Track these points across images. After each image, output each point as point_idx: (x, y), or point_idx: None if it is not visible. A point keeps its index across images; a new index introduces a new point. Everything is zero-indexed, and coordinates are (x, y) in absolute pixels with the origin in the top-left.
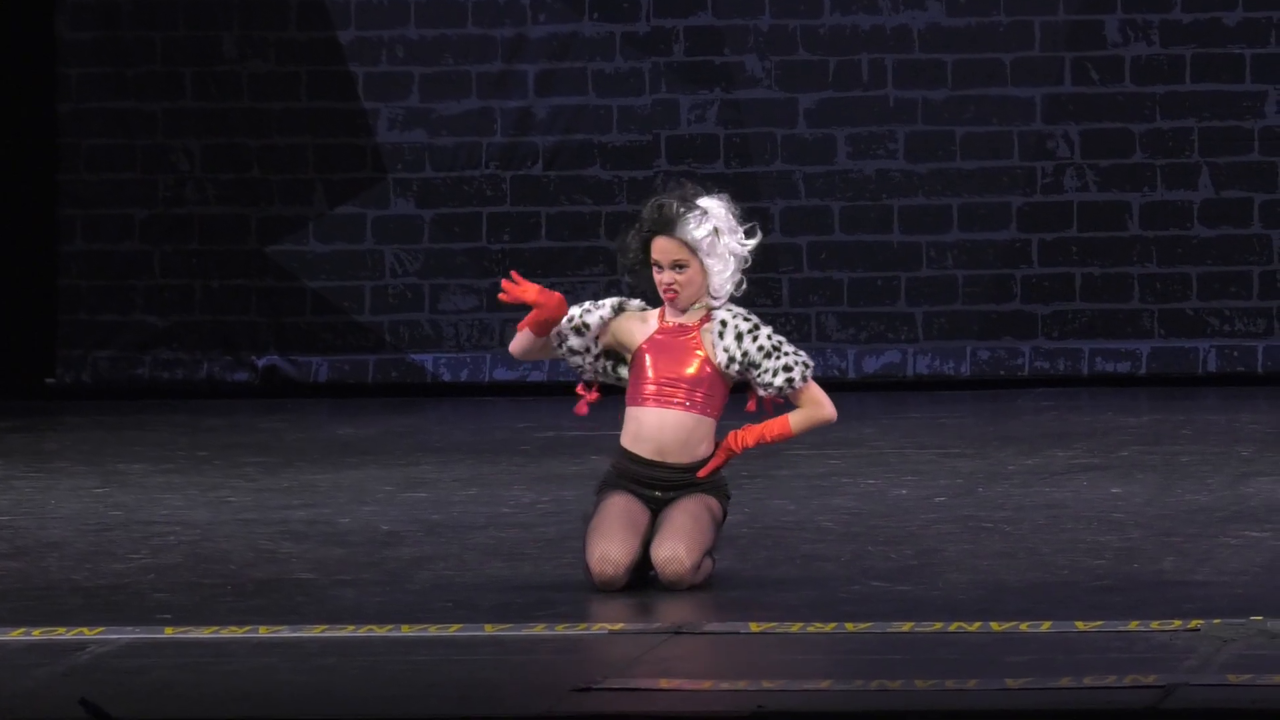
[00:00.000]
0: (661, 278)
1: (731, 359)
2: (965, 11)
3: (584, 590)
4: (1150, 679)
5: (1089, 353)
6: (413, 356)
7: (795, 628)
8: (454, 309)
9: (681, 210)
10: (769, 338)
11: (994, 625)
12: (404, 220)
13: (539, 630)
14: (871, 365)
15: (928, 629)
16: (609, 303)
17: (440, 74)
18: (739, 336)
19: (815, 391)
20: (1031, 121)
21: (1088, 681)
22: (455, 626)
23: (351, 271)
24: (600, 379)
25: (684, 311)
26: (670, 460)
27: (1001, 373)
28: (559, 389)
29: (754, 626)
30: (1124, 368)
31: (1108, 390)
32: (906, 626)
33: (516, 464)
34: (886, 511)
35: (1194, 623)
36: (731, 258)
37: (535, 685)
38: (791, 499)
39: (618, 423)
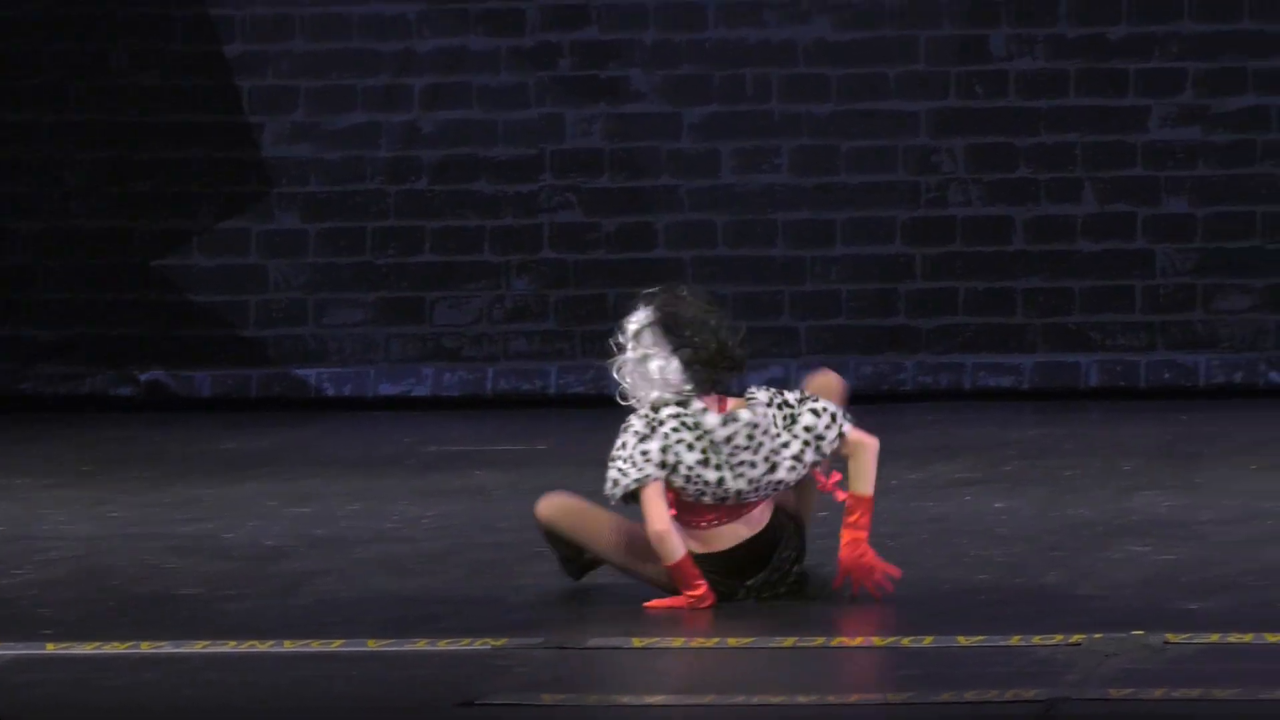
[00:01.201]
0: None
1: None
2: (851, 26)
3: (469, 605)
4: (1032, 693)
5: (972, 367)
6: (297, 371)
7: (677, 643)
8: (339, 323)
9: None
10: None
11: (876, 640)
12: (289, 234)
13: (423, 646)
14: (755, 380)
15: (810, 644)
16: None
17: (326, 88)
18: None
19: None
20: (916, 136)
21: (969, 696)
22: (339, 642)
23: (236, 286)
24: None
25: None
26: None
27: (885, 387)
28: (444, 404)
29: (636, 641)
30: (1007, 382)
31: (991, 404)
32: (789, 642)
33: (401, 478)
34: None
35: (1076, 637)
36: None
37: (419, 701)
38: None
39: (513, 437)
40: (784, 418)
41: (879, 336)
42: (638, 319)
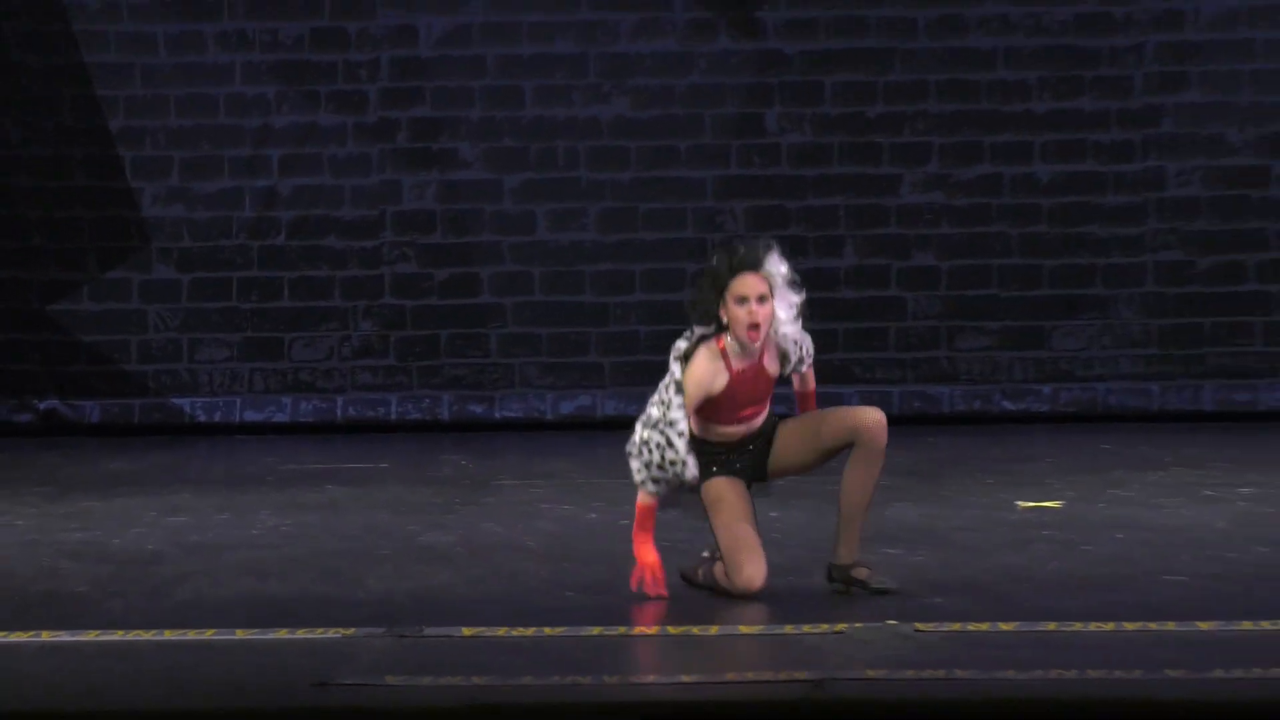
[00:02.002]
0: (744, 310)
1: (785, 354)
2: (647, 106)
3: (322, 600)
4: (803, 674)
5: None
6: (173, 400)
7: (501, 632)
8: (209, 359)
9: (763, 250)
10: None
11: (670, 629)
12: (165, 283)
13: (283, 635)
14: (567, 408)
15: (614, 633)
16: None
17: (197, 158)
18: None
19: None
20: (703, 199)
21: (750, 676)
22: (211, 632)
23: (120, 327)
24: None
25: (751, 349)
26: (754, 432)
27: None
28: (300, 429)
29: (465, 631)
30: (779, 409)
31: None
32: (595, 631)
33: (263, 493)
34: (580, 533)
35: (840, 626)
36: (792, 300)
37: (280, 682)
38: (499, 522)
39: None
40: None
41: None
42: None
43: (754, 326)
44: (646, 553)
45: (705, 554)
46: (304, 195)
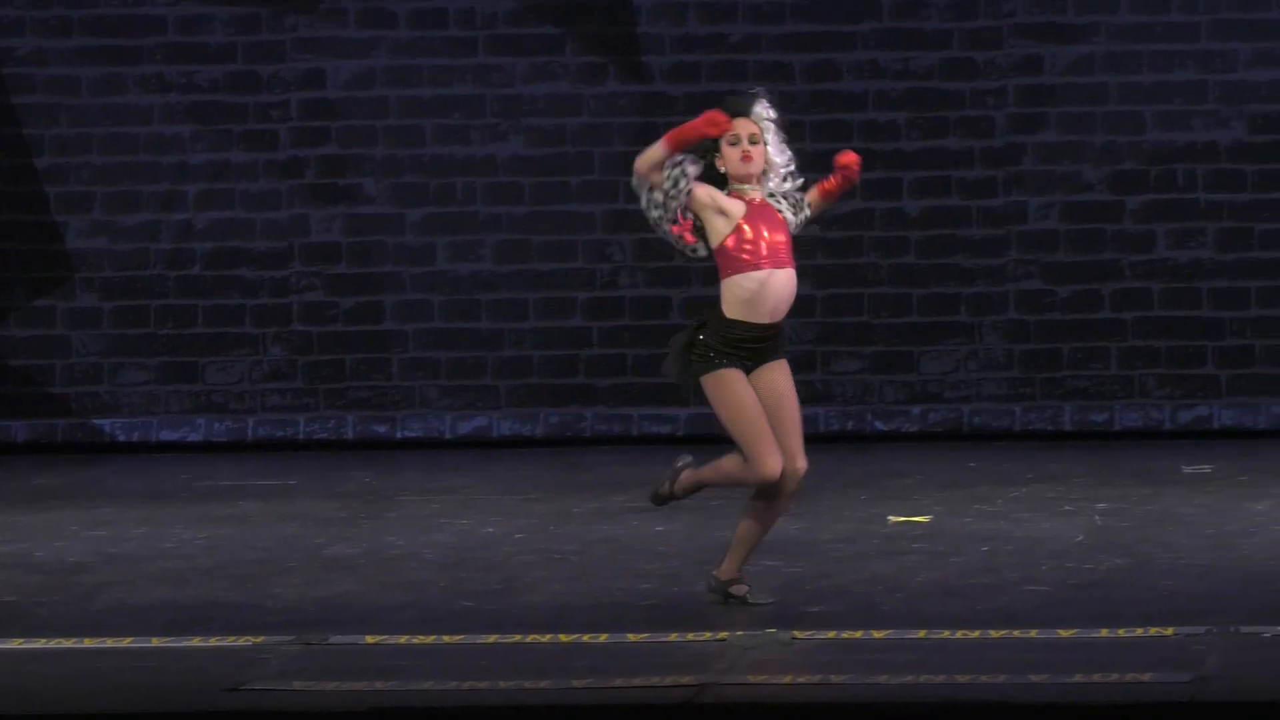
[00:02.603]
0: (737, 150)
1: (790, 204)
2: (541, 144)
3: (234, 609)
4: (688, 679)
5: (638, 417)
6: (94, 421)
7: (403, 639)
8: (128, 382)
9: (751, 97)
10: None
11: (562, 637)
12: (88, 311)
13: (197, 642)
14: (465, 428)
15: (509, 640)
16: (690, 175)
17: (118, 193)
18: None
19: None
20: (593, 232)
21: (637, 681)
22: (129, 639)
23: (45, 352)
24: (693, 237)
25: (750, 188)
26: (779, 320)
27: (569, 434)
28: (214, 448)
29: (369, 639)
30: (666, 430)
31: (654, 448)
32: (492, 638)
33: (179, 508)
34: (478, 545)
35: (722, 634)
36: (783, 144)
37: (194, 686)
38: (401, 535)
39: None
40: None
41: (564, 393)
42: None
43: (746, 159)
44: (695, 125)
45: (678, 464)
46: (218, 228)
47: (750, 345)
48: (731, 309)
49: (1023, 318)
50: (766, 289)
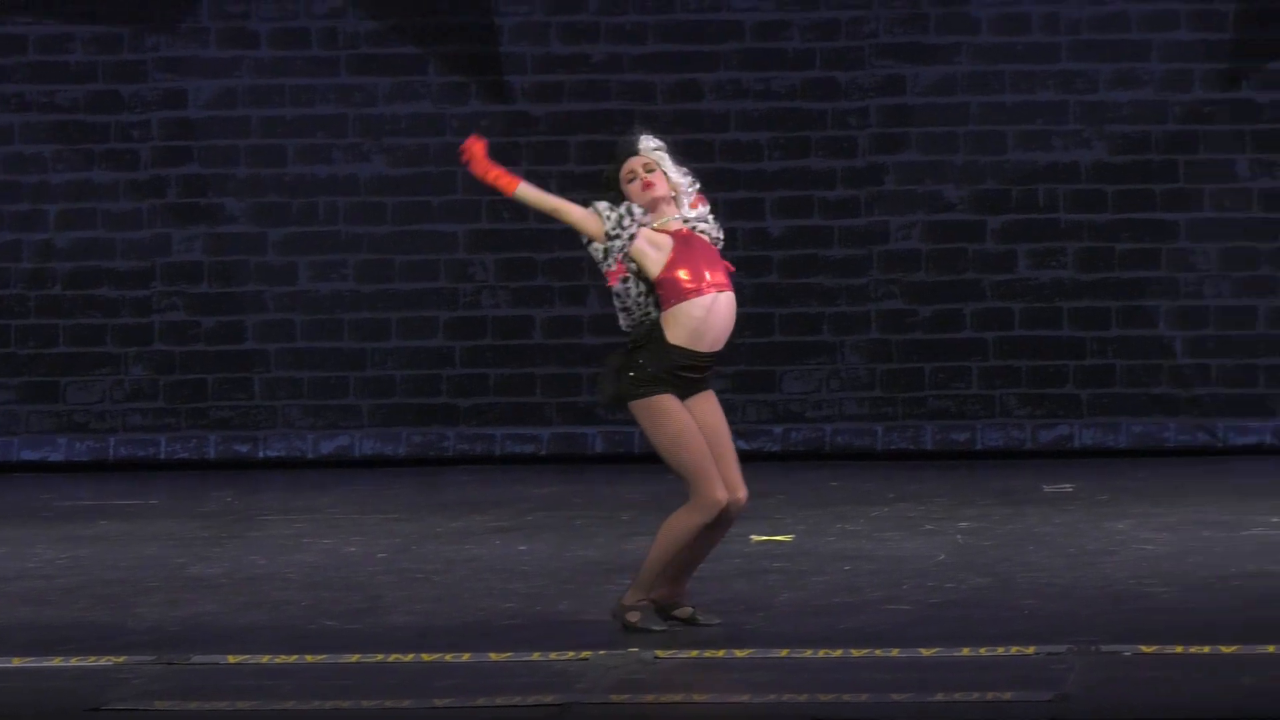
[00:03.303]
0: (638, 183)
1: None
2: (403, 163)
3: (95, 629)
4: (550, 698)
5: (501, 437)
6: None
7: (265, 659)
8: None
9: (633, 138)
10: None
11: (424, 656)
12: None
13: (58, 662)
14: (327, 447)
15: (372, 660)
16: (637, 218)
17: None
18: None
19: None
20: (455, 251)
21: (500, 700)
22: None
23: None
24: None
25: (669, 219)
26: (718, 350)
27: (432, 453)
28: (76, 467)
29: (231, 658)
30: (529, 449)
31: (517, 467)
32: (355, 658)
33: (40, 528)
34: (339, 565)
35: (585, 653)
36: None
37: (56, 707)
38: (263, 554)
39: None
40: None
41: (427, 412)
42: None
43: (648, 185)
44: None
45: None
46: (79, 248)
47: (687, 374)
48: (675, 336)
49: (885, 337)
50: (712, 315)
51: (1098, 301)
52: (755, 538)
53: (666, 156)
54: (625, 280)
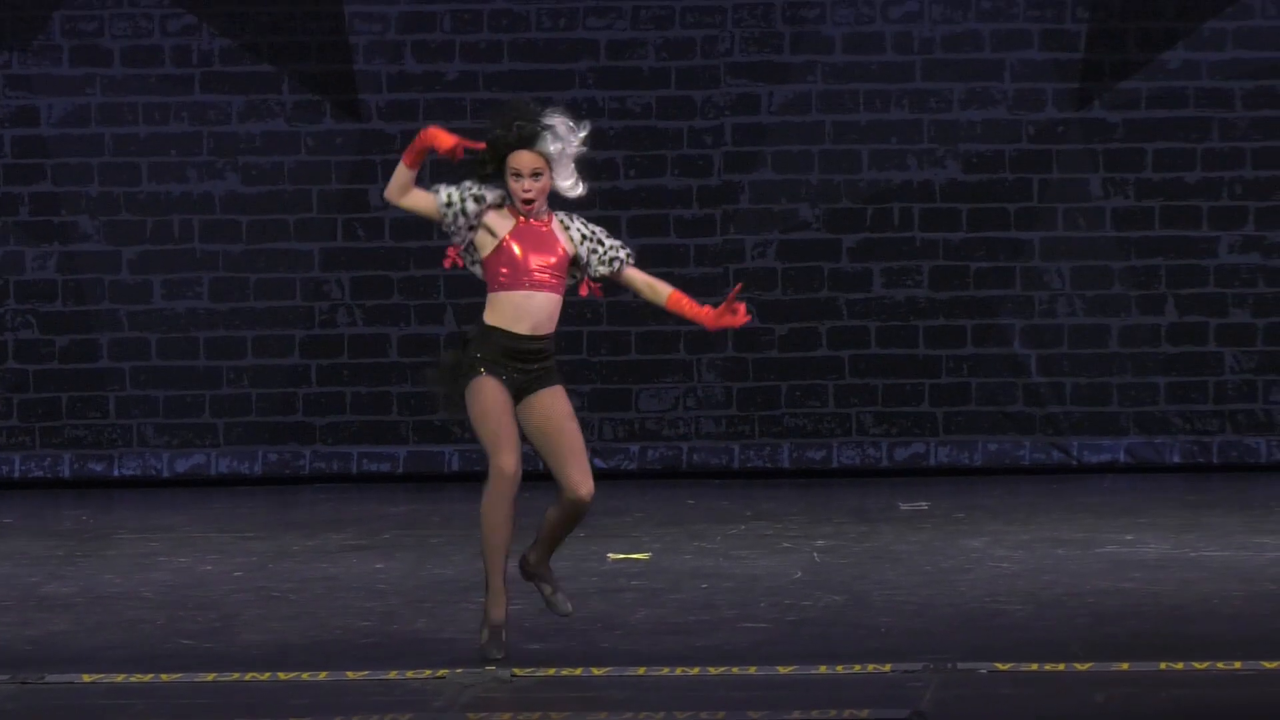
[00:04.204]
0: (520, 185)
1: (585, 237)
2: (257, 181)
3: None
4: (406, 717)
5: (358, 455)
6: None
7: (119, 678)
8: None
9: (539, 129)
10: (603, 230)
11: (281, 675)
12: None
13: None
14: (182, 466)
15: (228, 678)
16: (489, 194)
17: None
18: (584, 224)
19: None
20: (311, 270)
21: (356, 719)
22: None
23: None
24: (463, 250)
25: (538, 213)
26: (540, 333)
27: (288, 471)
28: None
29: (85, 677)
30: (385, 468)
31: (372, 486)
32: (210, 676)
33: None
34: (194, 584)
35: (441, 671)
36: (571, 165)
37: None
38: (117, 573)
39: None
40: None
41: (282, 431)
42: (557, 117)
43: (528, 201)
44: (430, 136)
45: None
46: None
47: (513, 358)
48: (491, 318)
49: (741, 355)
50: (522, 310)
51: (952, 320)
52: (612, 555)
53: (568, 153)
54: (457, 265)
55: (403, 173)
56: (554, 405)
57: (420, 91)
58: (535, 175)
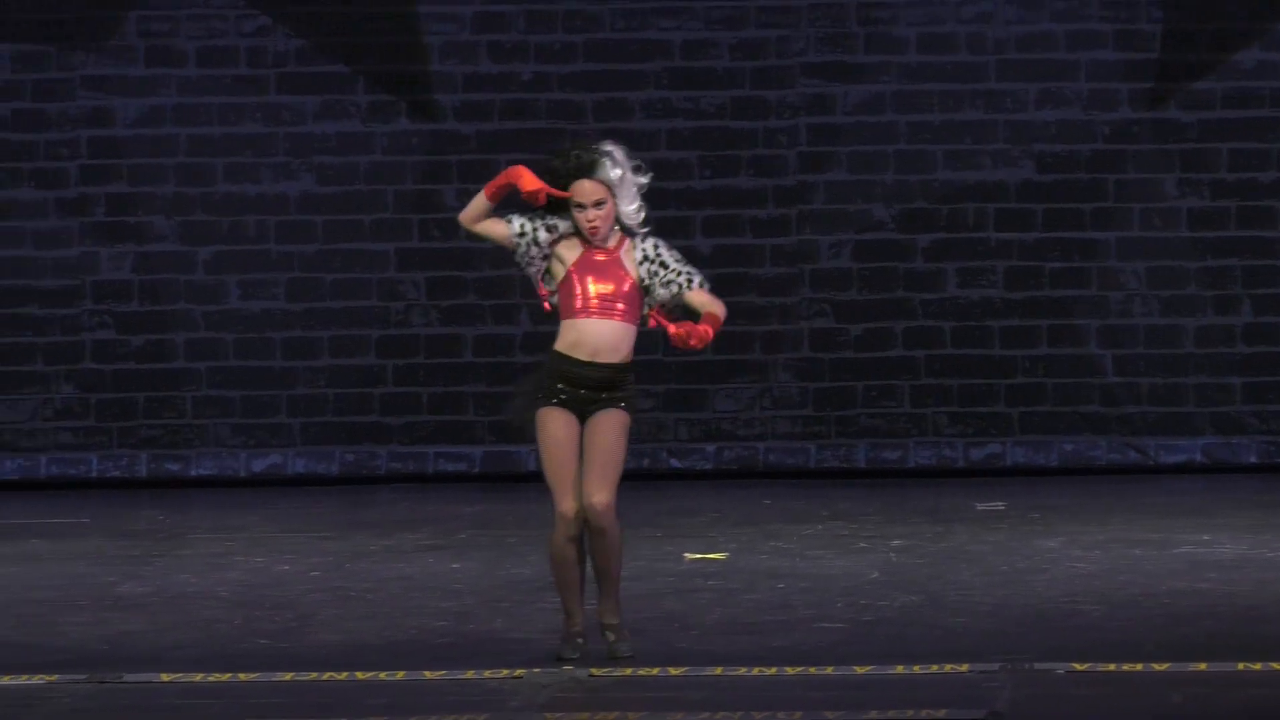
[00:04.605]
0: (584, 216)
1: (646, 259)
2: (331, 182)
3: (20, 648)
4: (484, 717)
5: (433, 455)
6: None
7: (197, 677)
8: None
9: (598, 156)
10: (672, 250)
11: (357, 674)
12: None
13: None
14: (258, 466)
15: (304, 678)
16: (561, 224)
17: None
18: (654, 246)
19: (709, 294)
20: (386, 270)
21: (433, 719)
22: None
23: None
24: (539, 277)
25: (604, 241)
26: (601, 360)
27: (363, 471)
28: (5, 486)
29: (164, 676)
30: (461, 467)
31: (448, 486)
32: (287, 676)
33: None
34: (270, 583)
35: (519, 671)
36: (635, 190)
37: None
38: (193, 573)
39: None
40: None
41: (358, 431)
42: (615, 148)
43: (592, 230)
44: (515, 175)
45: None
46: (6, 266)
47: (578, 384)
48: (557, 344)
49: (816, 355)
50: (583, 336)
51: (1027, 320)
52: (689, 556)
53: (628, 178)
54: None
55: (480, 202)
56: (601, 426)
57: (494, 92)
58: (598, 204)
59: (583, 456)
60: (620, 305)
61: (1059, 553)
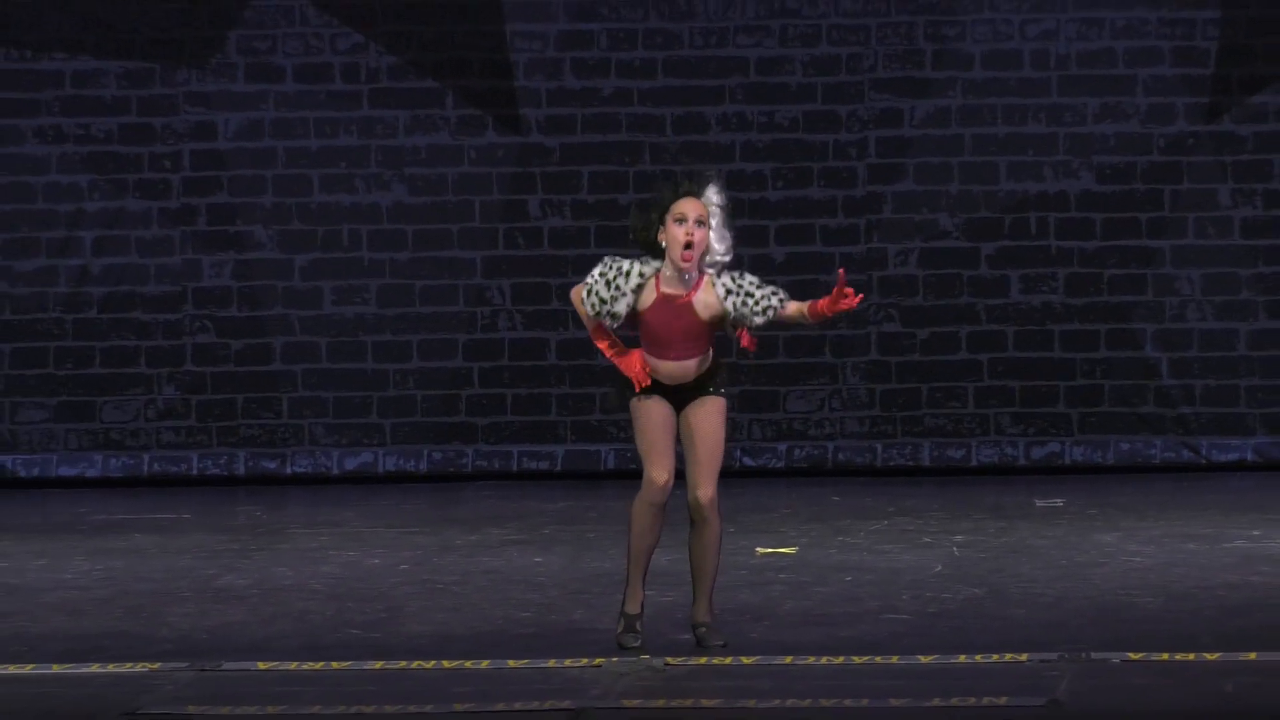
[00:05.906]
0: (683, 229)
1: (730, 291)
2: (422, 192)
3: (129, 637)
4: (566, 703)
5: (518, 454)
6: None
7: (292, 666)
8: (27, 420)
9: (708, 179)
10: (746, 275)
11: (445, 663)
12: None
13: (94, 669)
14: (351, 464)
15: (394, 666)
16: (633, 276)
17: (15, 239)
18: (733, 279)
19: (793, 301)
20: (473, 277)
21: (518, 706)
22: (30, 666)
23: None
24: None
25: (684, 278)
26: (675, 383)
27: (451, 469)
28: (111, 483)
29: (261, 665)
30: (544, 465)
31: (532, 483)
32: (378, 665)
33: (76, 540)
34: (362, 576)
35: (598, 660)
36: (727, 229)
37: (91, 712)
38: (289, 566)
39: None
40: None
41: (446, 431)
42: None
43: (688, 246)
44: (627, 364)
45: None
46: (113, 273)
47: (666, 391)
48: (645, 354)
49: (884, 359)
50: (660, 369)
51: (1086, 324)
52: (760, 550)
53: (720, 214)
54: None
55: (590, 326)
56: (700, 414)
57: (578, 107)
58: (699, 223)
59: (683, 445)
60: (690, 347)
61: (1116, 547)
